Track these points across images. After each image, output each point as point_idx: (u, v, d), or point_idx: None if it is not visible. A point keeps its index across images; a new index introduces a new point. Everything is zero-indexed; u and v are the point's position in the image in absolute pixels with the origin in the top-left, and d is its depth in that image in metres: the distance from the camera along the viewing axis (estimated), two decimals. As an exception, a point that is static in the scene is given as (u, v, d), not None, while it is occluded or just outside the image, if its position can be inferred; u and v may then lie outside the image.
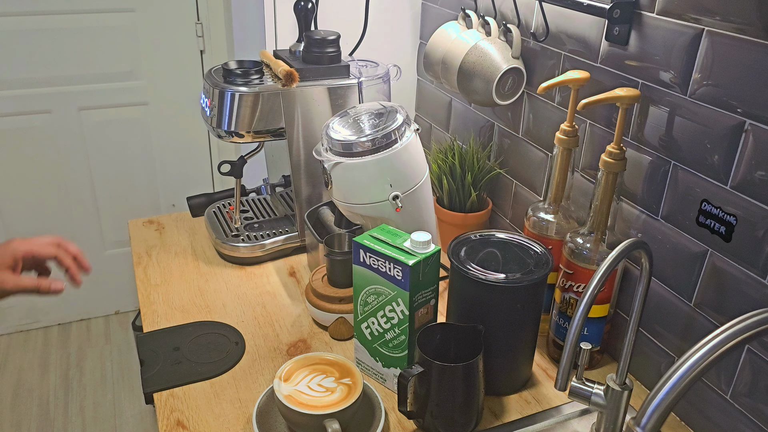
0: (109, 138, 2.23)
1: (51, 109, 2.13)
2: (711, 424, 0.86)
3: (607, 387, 0.79)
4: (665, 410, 0.54)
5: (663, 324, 0.92)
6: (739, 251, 0.78)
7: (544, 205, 1.02)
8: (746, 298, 0.78)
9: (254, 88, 1.13)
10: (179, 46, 2.18)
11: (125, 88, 2.18)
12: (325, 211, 1.20)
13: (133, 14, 2.10)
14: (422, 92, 1.55)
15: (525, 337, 0.92)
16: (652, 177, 0.90)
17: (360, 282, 0.90)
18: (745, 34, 0.74)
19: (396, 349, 0.90)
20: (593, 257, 0.92)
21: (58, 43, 2.04)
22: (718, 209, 0.80)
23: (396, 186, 1.02)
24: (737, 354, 0.80)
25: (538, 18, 1.09)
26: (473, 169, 1.24)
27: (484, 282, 0.86)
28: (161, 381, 0.94)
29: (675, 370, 0.54)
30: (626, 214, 0.96)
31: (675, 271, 0.88)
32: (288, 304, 1.13)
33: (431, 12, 1.44)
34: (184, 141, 2.32)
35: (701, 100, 0.81)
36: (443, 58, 1.20)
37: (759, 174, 0.75)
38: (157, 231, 1.35)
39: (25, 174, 2.16)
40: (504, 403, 0.93)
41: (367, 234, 0.90)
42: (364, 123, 1.05)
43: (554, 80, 0.96)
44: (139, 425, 2.04)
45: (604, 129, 0.98)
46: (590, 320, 0.95)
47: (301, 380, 0.84)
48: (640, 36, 0.89)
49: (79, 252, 0.96)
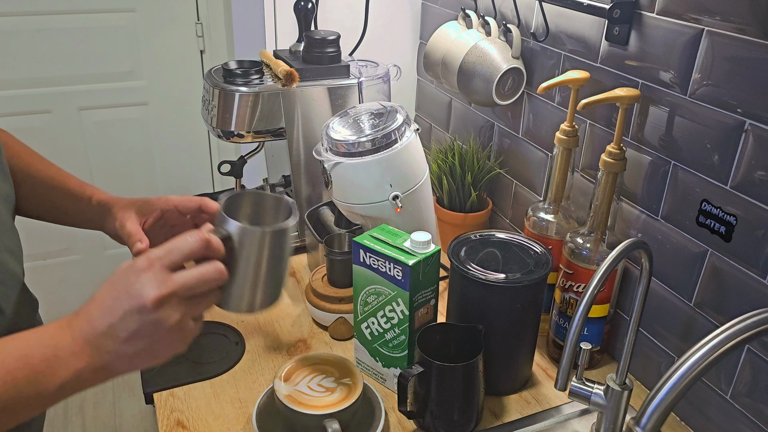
0: (109, 138, 2.23)
1: (51, 109, 2.13)
2: (711, 424, 0.86)
3: (607, 387, 0.79)
4: (665, 410, 0.54)
5: (663, 324, 0.92)
6: (739, 251, 0.78)
7: (544, 205, 1.02)
8: (746, 298, 0.78)
9: (254, 88, 1.13)
10: (179, 46, 2.18)
11: (125, 88, 2.18)
12: (325, 211, 1.20)
13: (133, 14, 2.10)
14: (422, 92, 1.55)
15: (525, 337, 0.92)
16: (652, 177, 0.90)
17: (360, 282, 0.90)
18: (744, 34, 0.74)
19: (396, 349, 0.90)
20: (593, 257, 0.92)
21: (58, 43, 2.04)
22: (718, 209, 0.80)
23: (396, 186, 1.02)
24: (737, 354, 0.80)
25: (538, 18, 1.09)
26: (473, 169, 1.24)
27: (484, 282, 0.86)
28: (161, 381, 0.94)
29: (675, 370, 0.54)
30: (626, 214, 0.96)
31: (675, 271, 0.88)
32: (288, 304, 1.13)
33: (431, 12, 1.44)
34: (184, 141, 2.32)
35: (701, 100, 0.81)
36: (443, 58, 1.20)
37: (759, 174, 0.75)
38: (157, 231, 1.35)
39: (25, 174, 2.16)
40: (504, 403, 0.93)
41: (367, 234, 0.90)
42: (364, 123, 1.05)
43: (554, 80, 0.96)
44: (139, 425, 2.04)
45: (604, 129, 0.98)
46: (590, 320, 0.95)
47: (301, 380, 0.84)
48: (640, 36, 0.89)
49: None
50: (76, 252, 2.40)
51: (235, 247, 0.63)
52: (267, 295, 0.67)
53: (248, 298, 0.66)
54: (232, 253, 0.63)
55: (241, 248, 0.63)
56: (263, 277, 0.66)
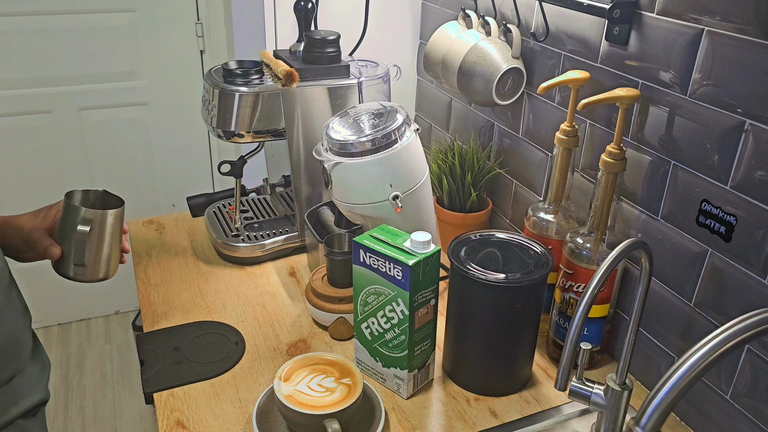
0: (109, 138, 2.23)
1: (51, 109, 2.13)
2: (711, 424, 0.86)
3: (607, 387, 0.79)
4: (665, 410, 0.54)
5: (663, 324, 0.92)
6: (739, 251, 0.78)
7: (544, 205, 1.02)
8: (746, 298, 0.78)
9: (254, 88, 1.13)
10: (179, 46, 2.18)
11: (125, 88, 2.18)
12: (325, 211, 1.21)
13: (133, 14, 2.10)
14: (422, 92, 1.55)
15: (525, 337, 0.92)
16: (652, 177, 0.90)
17: (360, 282, 0.90)
18: (744, 34, 0.74)
19: (396, 349, 0.90)
20: (593, 257, 0.92)
21: (58, 43, 2.04)
22: (718, 209, 0.80)
23: (396, 186, 1.02)
24: (737, 354, 0.80)
25: (538, 18, 1.09)
26: (473, 169, 1.25)
27: (484, 282, 0.86)
28: (161, 381, 0.94)
29: (675, 370, 0.54)
30: (626, 214, 0.96)
31: (675, 271, 0.88)
32: (288, 304, 1.13)
33: (431, 12, 1.44)
34: (184, 141, 2.32)
35: (701, 100, 0.81)
36: (443, 58, 1.20)
37: (759, 174, 0.75)
38: (157, 231, 1.35)
39: (25, 174, 2.16)
40: (504, 403, 0.93)
41: (367, 234, 0.90)
42: (364, 123, 1.05)
43: (554, 80, 0.96)
44: (139, 425, 2.04)
45: (604, 129, 0.98)
46: (590, 320, 0.95)
47: (301, 380, 0.84)
48: (640, 36, 0.89)
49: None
50: (76, 252, 2.40)
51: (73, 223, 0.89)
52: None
53: (104, 267, 0.93)
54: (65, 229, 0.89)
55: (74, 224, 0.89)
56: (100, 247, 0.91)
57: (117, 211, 0.91)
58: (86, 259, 0.90)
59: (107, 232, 0.90)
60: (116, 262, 0.94)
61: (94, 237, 0.89)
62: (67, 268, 0.90)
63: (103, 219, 0.89)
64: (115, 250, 0.93)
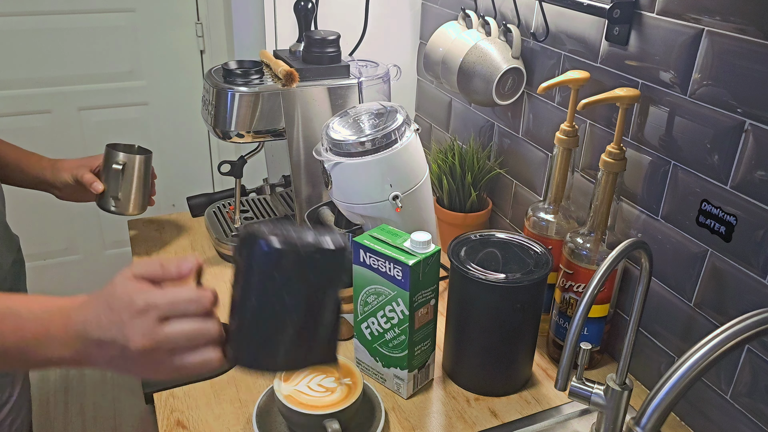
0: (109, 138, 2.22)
1: (51, 109, 2.13)
2: (711, 424, 0.86)
3: (607, 387, 0.79)
4: (665, 410, 0.54)
5: (663, 324, 0.92)
6: (739, 251, 0.78)
7: (544, 205, 1.02)
8: (746, 298, 0.78)
9: (254, 88, 1.13)
10: (179, 46, 2.18)
11: (125, 88, 2.18)
12: (325, 211, 1.20)
13: (133, 14, 2.10)
14: (422, 92, 1.55)
15: (525, 337, 0.92)
16: (652, 177, 0.90)
17: (360, 282, 0.90)
18: (745, 34, 0.74)
19: (396, 349, 0.90)
20: (593, 257, 0.92)
21: (58, 43, 2.05)
22: (718, 209, 0.80)
23: (396, 186, 1.02)
24: (737, 354, 0.80)
25: (538, 18, 1.09)
26: (473, 169, 1.24)
27: (484, 282, 0.86)
28: (161, 381, 0.93)
29: (675, 370, 0.54)
30: (626, 214, 0.96)
31: (675, 271, 0.88)
32: (288, 304, 1.13)
33: (431, 12, 1.44)
34: (184, 141, 2.32)
35: (701, 100, 0.81)
36: (443, 58, 1.20)
37: (759, 174, 0.75)
38: (157, 231, 1.35)
39: (25, 174, 2.16)
40: (504, 403, 0.93)
41: (367, 234, 0.90)
42: (364, 123, 1.05)
43: (554, 80, 0.96)
44: (139, 425, 2.04)
45: (604, 129, 0.98)
46: (590, 320, 0.95)
47: (301, 380, 0.84)
48: (640, 36, 0.89)
49: None
50: (76, 252, 2.40)
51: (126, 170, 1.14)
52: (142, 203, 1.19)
53: (134, 203, 1.17)
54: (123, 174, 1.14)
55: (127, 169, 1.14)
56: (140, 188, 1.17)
57: (144, 157, 1.16)
58: (120, 193, 1.14)
59: (136, 173, 1.15)
60: (146, 200, 1.19)
61: (126, 175, 1.13)
62: (107, 202, 1.14)
63: (132, 161, 1.14)
64: (145, 189, 1.18)
